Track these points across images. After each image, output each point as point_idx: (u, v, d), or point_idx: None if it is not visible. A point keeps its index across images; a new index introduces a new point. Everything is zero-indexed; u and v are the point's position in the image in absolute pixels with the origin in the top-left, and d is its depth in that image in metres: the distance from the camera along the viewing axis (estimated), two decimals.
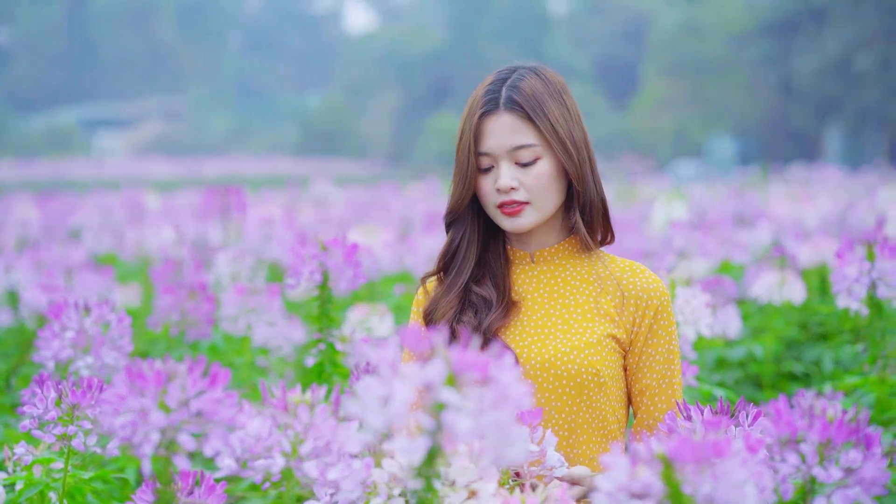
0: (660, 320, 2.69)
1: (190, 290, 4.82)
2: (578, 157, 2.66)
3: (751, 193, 14.42)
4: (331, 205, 14.20)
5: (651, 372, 2.68)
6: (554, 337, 2.66)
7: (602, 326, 2.66)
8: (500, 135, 2.65)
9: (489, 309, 2.69)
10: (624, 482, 1.77)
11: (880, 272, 3.83)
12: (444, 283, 2.77)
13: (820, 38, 40.51)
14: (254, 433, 2.00)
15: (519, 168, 2.65)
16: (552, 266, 2.75)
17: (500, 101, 2.66)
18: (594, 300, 2.69)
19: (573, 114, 2.69)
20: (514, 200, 2.66)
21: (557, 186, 2.68)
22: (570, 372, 2.62)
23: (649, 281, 2.71)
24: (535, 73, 2.70)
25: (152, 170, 36.98)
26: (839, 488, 1.92)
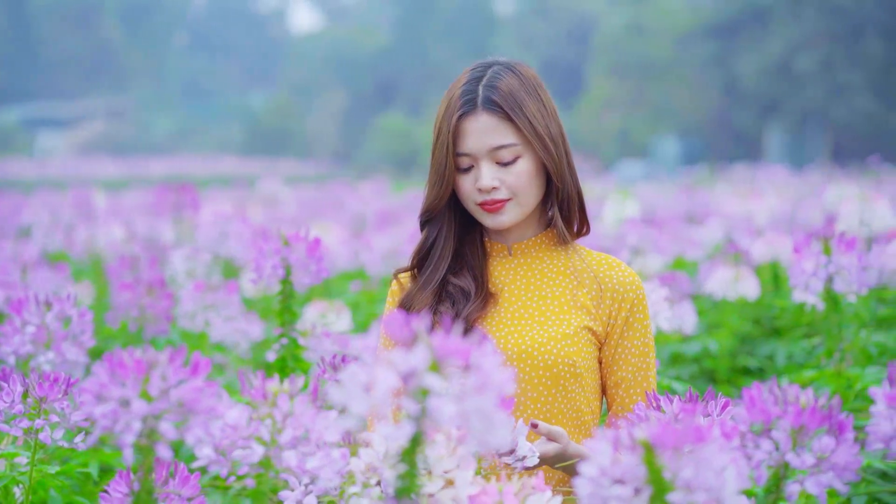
0: (635, 314, 2.71)
1: (148, 286, 4.80)
2: (557, 153, 2.68)
3: (700, 192, 14.55)
4: (281, 203, 14.16)
5: (626, 364, 2.71)
6: (531, 327, 2.68)
7: (578, 318, 2.68)
8: (479, 135, 2.65)
9: (467, 300, 2.70)
10: (606, 467, 1.79)
11: (837, 266, 3.88)
12: (419, 279, 2.78)
13: (762, 40, 40.89)
14: (233, 423, 2.00)
15: (499, 167, 2.66)
16: (529, 258, 2.77)
17: (478, 101, 2.66)
18: (571, 292, 2.72)
19: (549, 109, 2.70)
20: (496, 199, 2.67)
21: (538, 182, 2.70)
22: (547, 362, 2.63)
23: (625, 275, 2.74)
24: (510, 69, 2.71)
25: (97, 169, 36.68)
26: (812, 474, 1.94)
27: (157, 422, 1.88)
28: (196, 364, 1.91)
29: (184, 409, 1.90)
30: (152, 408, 1.87)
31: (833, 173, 20.78)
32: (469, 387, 1.70)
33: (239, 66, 74.70)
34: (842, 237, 3.93)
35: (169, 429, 1.87)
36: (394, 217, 10.22)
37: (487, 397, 1.70)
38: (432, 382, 1.68)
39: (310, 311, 4.99)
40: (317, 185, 21.50)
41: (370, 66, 58.56)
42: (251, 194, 16.61)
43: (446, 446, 2.04)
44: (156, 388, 1.88)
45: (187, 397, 1.90)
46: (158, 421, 1.88)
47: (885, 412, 2.01)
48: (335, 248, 7.81)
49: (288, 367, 3.67)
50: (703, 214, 10.82)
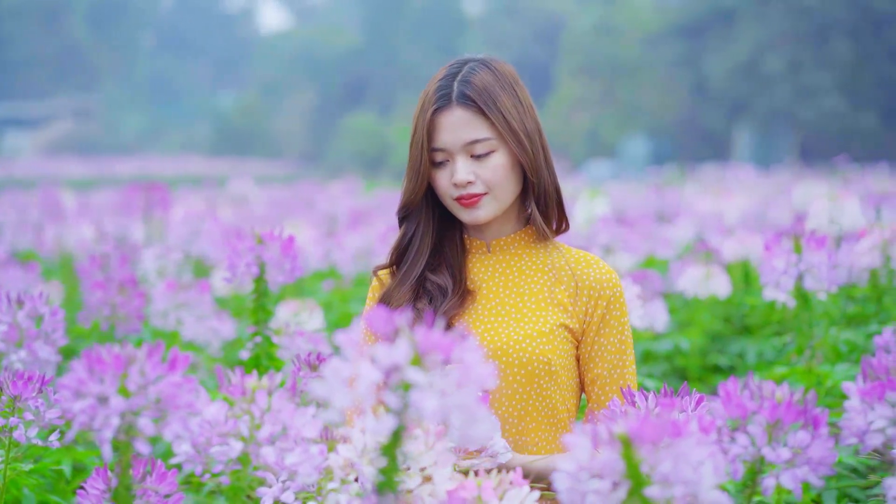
0: (612, 311, 2.72)
1: (120, 285, 4.78)
2: (532, 148, 2.69)
3: (670, 191, 14.61)
4: (251, 203, 14.13)
5: (603, 361, 2.71)
6: (507, 325, 2.69)
7: (555, 316, 2.69)
8: (454, 130, 2.67)
9: (445, 297, 2.71)
10: (585, 462, 1.80)
11: (807, 264, 3.91)
12: (398, 275, 2.79)
13: (730, 40, 41.09)
14: (211, 419, 2.00)
15: (474, 161, 2.68)
16: (508, 255, 2.78)
17: (453, 95, 2.67)
18: (548, 290, 2.73)
19: (525, 104, 2.72)
20: (472, 193, 2.68)
21: (514, 177, 2.71)
22: (522, 360, 2.64)
23: (603, 272, 2.75)
24: (485, 65, 2.72)
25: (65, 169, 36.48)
26: (787, 468, 1.96)
27: (135, 418, 1.88)
28: (174, 360, 1.91)
29: (162, 404, 1.90)
30: (130, 403, 1.87)
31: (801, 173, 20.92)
32: (451, 381, 1.71)
33: (207, 65, 74.45)
34: (812, 235, 3.95)
35: (147, 425, 1.87)
36: (366, 216, 10.23)
37: (469, 392, 1.71)
38: (415, 376, 1.69)
39: (282, 311, 4.99)
40: (287, 185, 21.45)
41: (339, 66, 58.49)
42: (221, 194, 16.57)
43: (425, 442, 2.05)
44: (134, 384, 1.88)
45: (165, 393, 1.90)
46: (137, 417, 1.88)
47: (858, 406, 2.03)
48: (307, 247, 7.81)
49: (262, 365, 3.68)
50: (673, 213, 10.87)
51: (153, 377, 1.89)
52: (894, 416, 1.99)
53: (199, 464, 2.04)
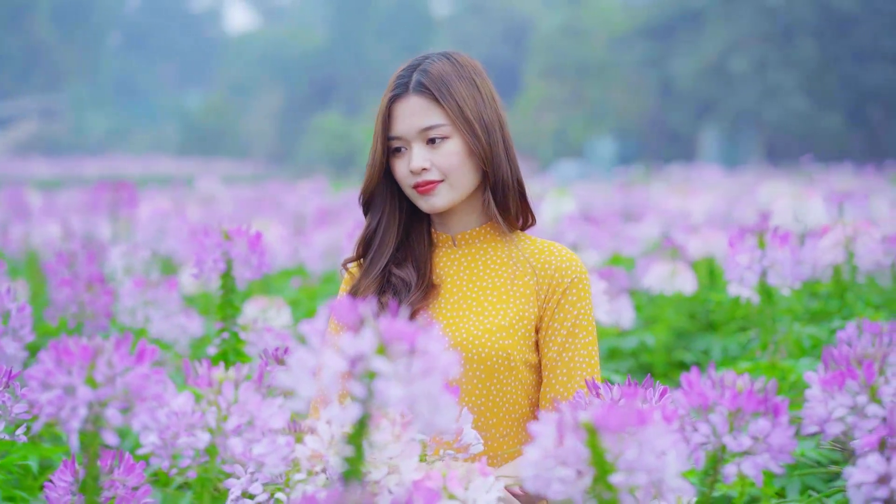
0: (569, 295, 2.72)
1: (87, 283, 4.77)
2: (488, 138, 2.71)
3: (636, 190, 14.68)
4: (218, 202, 14.11)
5: (553, 345, 2.71)
6: (467, 320, 2.71)
7: (516, 309, 2.71)
8: (409, 117, 2.71)
9: (408, 290, 2.73)
10: (550, 449, 1.83)
11: (771, 260, 3.95)
12: (364, 266, 2.81)
13: (697, 41, 41.28)
14: (179, 410, 2.02)
15: (430, 149, 2.71)
16: (473, 249, 2.80)
17: (410, 84, 2.72)
18: (511, 282, 2.74)
19: (485, 96, 2.74)
20: (428, 180, 2.71)
21: (470, 165, 2.73)
22: (481, 355, 2.66)
23: (564, 258, 2.76)
24: (446, 57, 2.76)
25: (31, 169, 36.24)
26: (748, 456, 1.99)
27: (102, 408, 1.89)
28: (142, 351, 1.92)
29: (130, 395, 1.91)
30: (98, 394, 1.88)
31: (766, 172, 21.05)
32: (416, 369, 1.73)
33: (174, 65, 74.18)
34: (775, 231, 4.00)
35: (115, 415, 1.88)
36: (333, 215, 10.24)
37: (433, 380, 1.73)
38: (379, 365, 1.71)
39: (250, 307, 4.99)
40: (254, 185, 21.42)
41: (306, 66, 58.41)
42: (189, 193, 16.53)
43: (391, 432, 2.07)
44: (101, 375, 1.89)
45: (133, 384, 1.91)
46: (104, 407, 1.89)
47: (819, 395, 2.06)
48: (275, 245, 7.81)
49: (229, 361, 3.68)
50: (639, 212, 10.92)
51: (121, 368, 1.91)
52: (854, 405, 2.03)
53: (166, 458, 2.05)
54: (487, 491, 2.04)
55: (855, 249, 4.58)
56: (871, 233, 4.56)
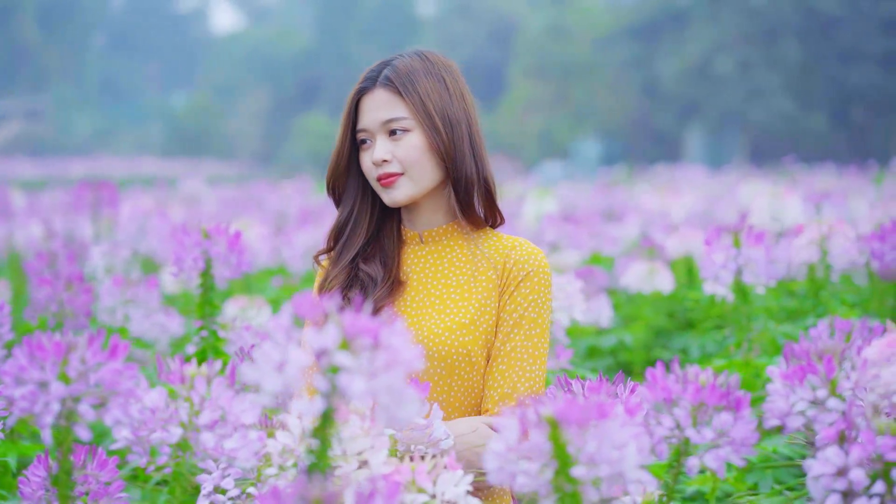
0: (522, 287, 2.73)
1: (67, 281, 4.79)
2: (450, 134, 2.75)
3: (618, 190, 14.74)
4: (202, 202, 14.12)
5: (500, 334, 2.72)
6: (429, 317, 2.74)
7: (477, 304, 2.73)
8: (373, 110, 2.76)
9: (375, 286, 2.77)
10: (513, 443, 1.86)
11: (746, 258, 3.99)
12: (333, 257, 2.85)
13: (681, 42, 41.36)
14: (151, 405, 2.05)
15: (392, 141, 2.75)
16: (440, 246, 2.83)
17: (378, 79, 2.77)
18: (473, 279, 2.77)
19: (453, 93, 2.78)
20: (388, 173, 2.75)
21: (431, 160, 2.76)
22: (441, 353, 2.69)
23: (524, 252, 2.77)
24: (418, 54, 2.81)
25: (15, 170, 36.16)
26: (711, 449, 2.02)
27: (75, 404, 1.92)
28: (114, 347, 1.95)
29: (102, 390, 1.94)
30: (71, 389, 1.91)
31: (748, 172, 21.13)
32: (379, 363, 1.76)
33: (159, 66, 74.05)
34: (750, 230, 4.04)
35: (87, 410, 1.91)
36: (316, 215, 10.26)
37: (396, 373, 1.76)
38: (342, 360, 1.74)
39: (231, 307, 5.02)
40: (238, 185, 21.42)
41: (292, 67, 58.38)
42: (173, 193, 16.53)
43: (360, 427, 2.10)
44: (74, 371, 1.92)
45: (106, 379, 1.94)
46: (77, 403, 1.92)
47: (780, 389, 2.10)
48: (256, 244, 7.84)
49: (208, 359, 3.70)
50: (621, 212, 10.97)
51: (93, 364, 1.93)
52: (814, 399, 2.06)
53: (143, 455, 2.08)
54: (456, 484, 2.07)
55: (829, 248, 4.63)
56: (845, 232, 4.60)
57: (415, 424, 2.36)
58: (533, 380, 2.68)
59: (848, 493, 1.91)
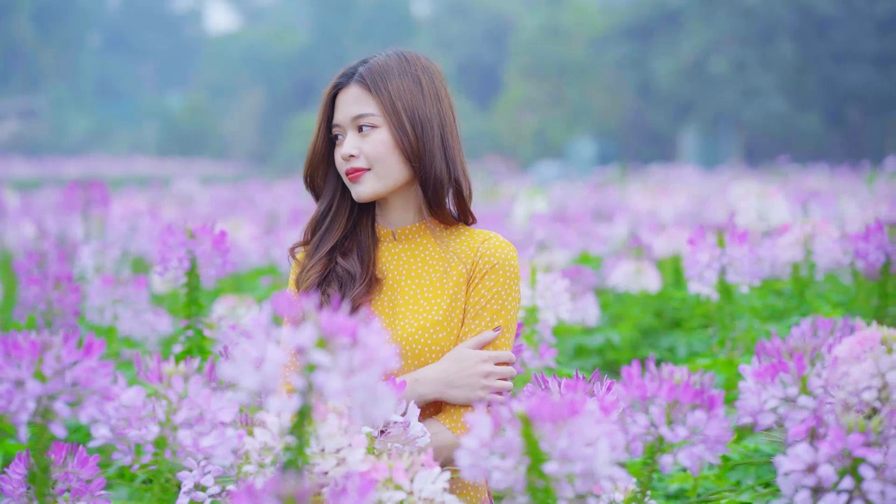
0: (486, 280, 2.75)
1: (55, 280, 4.80)
2: (419, 134, 2.76)
3: (609, 189, 14.75)
4: (195, 202, 14.13)
5: (464, 325, 2.75)
6: (402, 317, 2.75)
7: (449, 301, 2.75)
8: (346, 106, 2.79)
9: (353, 282, 2.79)
10: (486, 439, 1.88)
11: (730, 258, 4.02)
12: (310, 249, 2.87)
13: (676, 42, 41.39)
14: (129, 403, 2.06)
15: (361, 137, 2.78)
16: (413, 244, 2.84)
17: (354, 75, 2.81)
18: (445, 276, 2.78)
19: (428, 94, 2.80)
20: (355, 168, 2.77)
21: (397, 157, 2.77)
22: (415, 352, 2.71)
23: (491, 245, 2.79)
24: (397, 54, 2.84)
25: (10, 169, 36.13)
26: (685, 446, 2.04)
27: (51, 402, 1.94)
28: (90, 345, 1.97)
29: (78, 388, 1.96)
30: (46, 388, 1.93)
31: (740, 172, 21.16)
32: (355, 362, 1.77)
33: (154, 66, 74.00)
34: (734, 230, 4.06)
35: (63, 408, 1.93)
36: (307, 214, 10.25)
37: (372, 372, 1.78)
38: (319, 358, 1.76)
39: (220, 306, 5.03)
40: (232, 185, 21.42)
41: (287, 67, 58.37)
42: (166, 193, 16.54)
43: (339, 424, 2.12)
44: (50, 369, 1.93)
45: (81, 377, 1.95)
46: (53, 401, 1.94)
47: (752, 387, 2.12)
48: (246, 244, 7.86)
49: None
50: (612, 211, 10.99)
51: (69, 362, 1.95)
52: (786, 396, 2.08)
53: (128, 453, 2.10)
54: (433, 482, 2.09)
55: (813, 248, 4.65)
56: (829, 231, 4.63)
57: (392, 423, 2.38)
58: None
59: (817, 488, 1.93)
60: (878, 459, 1.90)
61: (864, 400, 2.05)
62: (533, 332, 4.03)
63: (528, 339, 4.01)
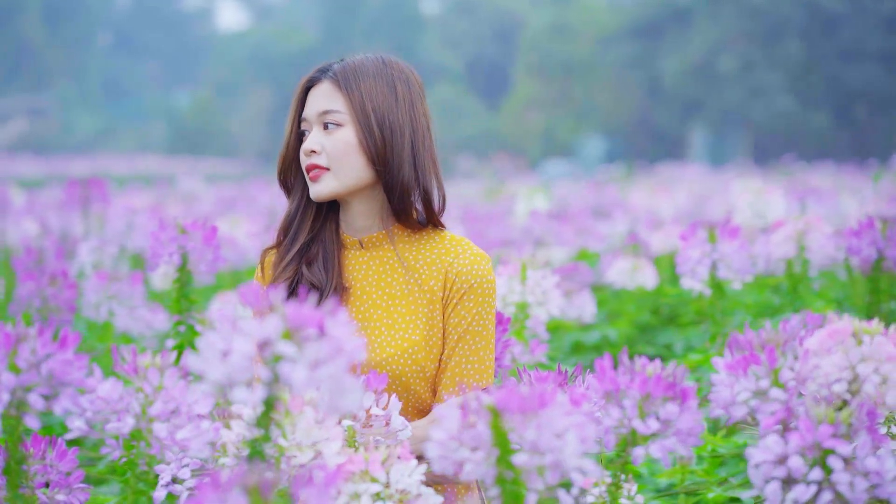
0: (465, 301, 2.72)
1: (51, 276, 4.82)
2: (387, 139, 2.72)
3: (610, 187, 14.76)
4: (199, 200, 14.16)
5: (446, 348, 2.72)
6: (380, 335, 2.72)
7: (425, 318, 2.72)
8: (314, 101, 2.77)
9: (320, 294, 2.74)
10: (454, 432, 1.89)
11: (721, 254, 4.02)
12: (281, 252, 2.84)
13: (683, 41, 41.37)
14: (105, 395, 2.08)
15: (325, 134, 2.74)
16: (380, 252, 2.80)
17: (327, 72, 2.78)
18: (419, 288, 2.74)
19: (402, 100, 2.76)
20: (315, 165, 2.74)
21: (359, 159, 2.73)
22: (395, 373, 2.68)
23: (467, 261, 2.74)
24: (377, 57, 2.80)
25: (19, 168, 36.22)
26: (657, 439, 2.05)
27: (25, 394, 1.95)
28: (64, 338, 1.98)
29: (53, 381, 1.97)
30: (20, 380, 1.94)
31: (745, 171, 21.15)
32: (321, 353, 1.78)
33: (162, 64, 74.10)
34: (725, 225, 4.07)
35: (37, 400, 1.94)
36: None
37: (338, 363, 1.78)
38: (284, 349, 1.77)
39: (216, 303, 5.04)
40: (237, 183, 21.45)
41: (296, 66, 58.37)
42: (171, 192, 16.57)
43: (315, 417, 2.13)
44: (24, 361, 1.95)
45: (56, 369, 1.97)
46: (27, 393, 1.95)
47: (725, 379, 2.12)
48: (245, 241, 7.87)
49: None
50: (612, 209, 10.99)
51: (43, 354, 1.96)
52: (757, 389, 2.09)
53: (116, 448, 2.11)
54: (409, 474, 2.10)
55: (806, 244, 4.65)
56: (822, 227, 4.63)
57: (374, 416, 2.39)
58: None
59: (787, 480, 1.94)
60: (847, 451, 1.90)
61: (834, 392, 2.06)
62: (523, 328, 4.04)
63: (518, 334, 4.02)
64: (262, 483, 1.69)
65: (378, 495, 2.07)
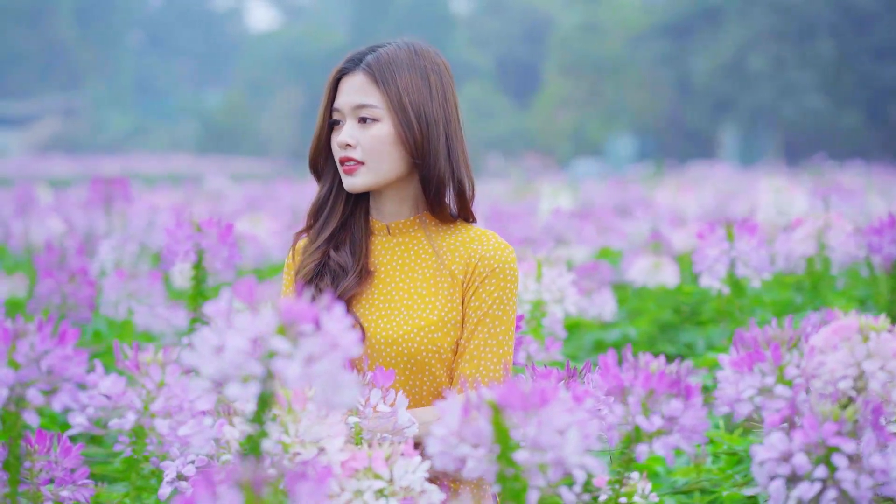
0: (487, 284, 2.73)
1: (70, 274, 4.83)
2: (424, 132, 2.72)
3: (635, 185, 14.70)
4: (225, 199, 14.19)
5: (465, 331, 2.73)
6: (399, 314, 2.74)
7: (444, 300, 2.73)
8: (349, 93, 2.76)
9: (345, 275, 2.77)
10: (455, 428, 1.87)
11: (739, 252, 3.99)
12: (311, 236, 2.86)
13: (714, 39, 41.21)
14: (106, 391, 2.07)
15: (360, 127, 2.74)
16: (408, 238, 2.82)
17: (361, 62, 2.76)
18: (440, 273, 2.76)
19: (435, 91, 2.76)
20: (350, 158, 2.75)
21: (396, 152, 2.74)
22: (411, 350, 2.69)
23: (490, 247, 2.76)
24: (408, 46, 2.79)
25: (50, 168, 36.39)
26: (661, 436, 2.03)
27: (24, 389, 1.95)
28: (63, 333, 1.97)
29: (52, 376, 1.97)
30: (20, 375, 1.94)
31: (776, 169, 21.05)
32: (315, 349, 1.77)
33: (194, 64, 74.37)
34: (743, 223, 4.04)
35: (36, 396, 1.94)
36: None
37: (333, 359, 1.77)
38: (278, 345, 1.75)
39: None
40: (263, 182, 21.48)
41: (326, 65, 58.32)
42: (198, 191, 16.62)
43: (318, 414, 2.12)
44: (23, 357, 1.94)
45: (55, 365, 1.96)
46: (26, 389, 1.95)
47: (730, 377, 2.10)
48: (267, 239, 7.88)
49: None
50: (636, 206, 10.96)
51: (42, 350, 1.96)
52: (763, 386, 2.07)
53: (129, 445, 2.11)
54: (412, 471, 2.08)
55: (827, 242, 4.61)
56: (842, 225, 4.59)
57: (380, 412, 2.38)
58: (495, 376, 2.69)
59: (791, 477, 1.91)
60: (851, 448, 1.88)
61: (840, 389, 2.03)
62: (540, 326, 4.02)
63: (534, 332, 4.00)
64: (255, 479, 1.68)
65: (381, 492, 2.06)
